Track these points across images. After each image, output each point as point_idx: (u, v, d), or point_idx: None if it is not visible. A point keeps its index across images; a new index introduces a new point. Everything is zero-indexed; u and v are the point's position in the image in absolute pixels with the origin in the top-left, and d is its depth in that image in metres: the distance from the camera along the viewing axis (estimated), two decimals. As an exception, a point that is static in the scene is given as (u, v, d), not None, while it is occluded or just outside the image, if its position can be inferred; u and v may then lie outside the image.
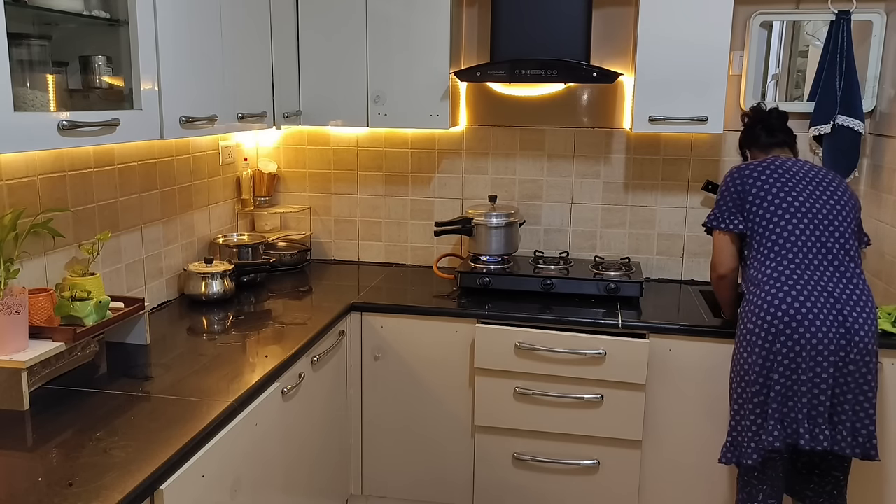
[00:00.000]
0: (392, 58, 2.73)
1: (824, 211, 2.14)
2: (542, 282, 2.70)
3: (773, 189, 2.18)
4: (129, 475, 1.37)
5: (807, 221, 2.13)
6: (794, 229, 2.13)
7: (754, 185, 2.20)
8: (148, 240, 2.44)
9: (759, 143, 2.40)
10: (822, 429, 2.05)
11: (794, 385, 2.05)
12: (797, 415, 2.06)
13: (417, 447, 2.67)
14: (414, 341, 2.59)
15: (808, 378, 2.04)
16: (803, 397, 2.05)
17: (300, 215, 3.23)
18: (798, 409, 2.05)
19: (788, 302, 2.05)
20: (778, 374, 2.06)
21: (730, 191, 2.24)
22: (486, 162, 3.05)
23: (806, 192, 2.17)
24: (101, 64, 1.82)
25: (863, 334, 2.04)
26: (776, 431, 2.07)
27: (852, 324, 2.04)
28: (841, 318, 2.04)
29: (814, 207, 2.14)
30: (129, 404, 1.70)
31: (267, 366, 1.96)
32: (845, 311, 2.05)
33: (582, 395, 2.45)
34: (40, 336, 1.76)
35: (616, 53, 2.87)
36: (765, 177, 2.21)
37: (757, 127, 2.41)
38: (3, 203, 1.83)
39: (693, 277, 2.98)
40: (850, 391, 2.06)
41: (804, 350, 2.03)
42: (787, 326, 2.04)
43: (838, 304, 2.05)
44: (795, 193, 2.16)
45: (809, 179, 2.20)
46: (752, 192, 2.20)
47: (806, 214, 2.13)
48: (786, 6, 2.72)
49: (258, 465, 1.82)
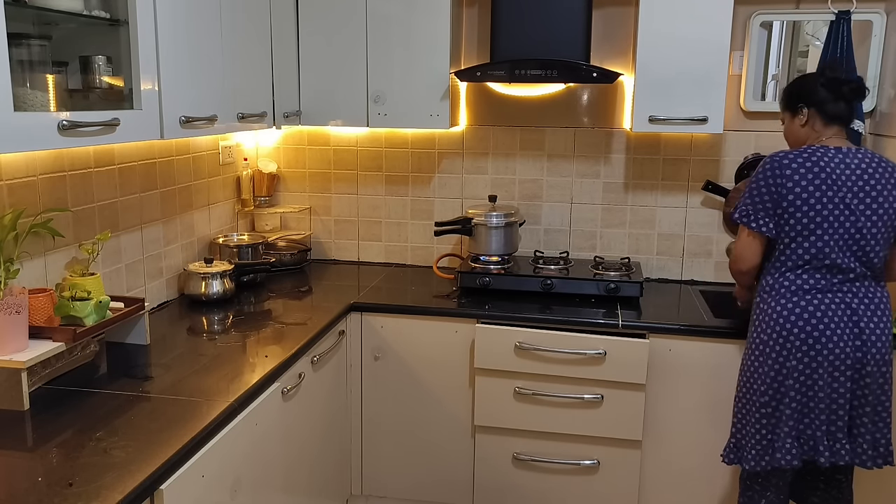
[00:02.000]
0: (392, 58, 2.73)
1: (858, 224, 1.99)
2: (542, 282, 2.70)
3: (812, 197, 1.99)
4: (129, 475, 1.37)
5: (837, 238, 1.99)
6: (823, 246, 2.00)
7: (794, 188, 1.99)
8: (148, 240, 2.43)
9: (824, 112, 2.09)
10: (842, 444, 2.02)
11: (810, 402, 2.02)
12: (815, 431, 2.02)
13: (417, 447, 2.67)
14: (414, 341, 2.59)
15: (826, 394, 2.01)
16: (821, 414, 2.02)
17: (300, 215, 3.23)
18: (816, 426, 2.02)
19: (805, 318, 2.01)
20: (794, 390, 2.02)
21: (768, 185, 2.03)
22: (486, 162, 3.05)
23: (846, 200, 1.99)
24: (101, 64, 1.82)
25: (879, 346, 2.01)
26: (794, 449, 2.04)
27: (869, 335, 2.00)
28: (857, 331, 2.00)
29: (847, 221, 1.99)
30: (129, 404, 1.70)
31: (267, 366, 1.96)
32: (861, 324, 2.01)
33: (582, 395, 2.45)
34: (40, 336, 1.76)
35: (616, 53, 2.87)
36: (808, 178, 1.99)
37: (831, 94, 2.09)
38: (3, 203, 1.83)
39: (693, 277, 2.97)
40: (868, 403, 2.03)
41: (821, 367, 2.00)
42: (803, 343, 2.00)
43: (854, 317, 2.01)
44: (834, 204, 1.98)
45: (853, 183, 1.99)
46: (790, 196, 2.00)
47: (837, 230, 1.99)
48: (786, 6, 2.72)
49: (258, 465, 1.82)
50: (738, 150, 2.84)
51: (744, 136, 2.84)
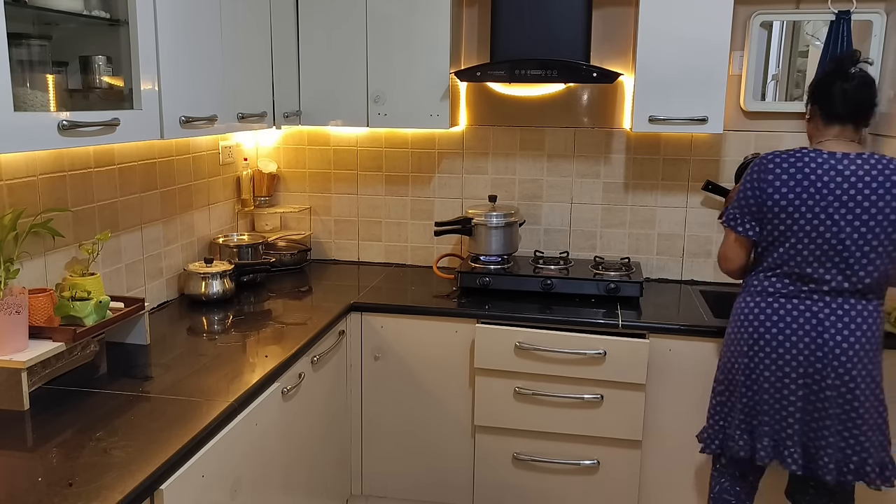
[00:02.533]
0: (392, 58, 2.73)
1: (841, 236, 1.90)
2: (542, 282, 2.70)
3: (791, 204, 1.93)
4: (129, 475, 1.37)
5: (813, 248, 1.94)
6: (795, 255, 1.96)
7: (774, 194, 1.96)
8: (148, 240, 2.43)
9: (825, 112, 2.02)
10: (790, 451, 2.01)
11: (756, 406, 2.05)
12: (762, 433, 2.04)
13: (417, 447, 2.67)
14: (414, 341, 2.59)
15: (772, 397, 2.02)
16: (765, 416, 2.04)
17: (300, 215, 3.23)
18: (762, 428, 2.04)
19: (761, 319, 2.01)
20: (745, 386, 2.06)
21: (753, 189, 2.00)
22: (486, 162, 3.05)
23: (828, 210, 1.90)
24: (101, 64, 1.82)
25: (844, 360, 1.94)
26: (741, 441, 2.08)
27: (833, 348, 1.94)
28: (820, 342, 1.95)
29: (829, 232, 1.91)
30: (129, 404, 1.70)
31: (267, 366, 1.96)
32: (826, 335, 1.94)
33: (582, 395, 2.45)
34: (40, 336, 1.76)
35: (616, 53, 2.87)
36: (789, 185, 1.94)
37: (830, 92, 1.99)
38: (3, 203, 1.83)
39: (693, 277, 2.97)
40: (830, 417, 1.97)
41: (767, 369, 2.01)
42: (755, 343, 2.02)
43: (820, 327, 1.95)
44: (814, 213, 1.92)
45: (843, 192, 1.89)
46: (770, 201, 1.97)
47: (815, 240, 1.93)
48: (786, 6, 2.72)
49: (258, 465, 1.82)
50: (738, 150, 2.84)
51: (744, 136, 2.84)
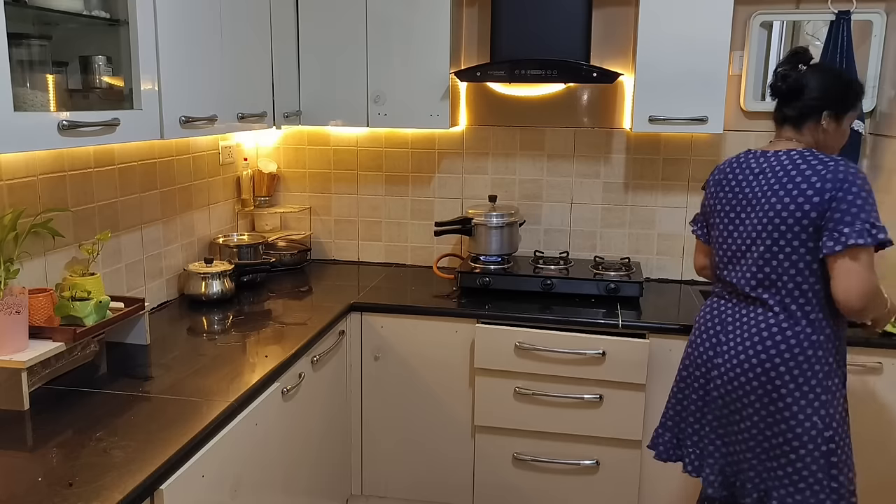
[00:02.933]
0: (392, 58, 2.73)
1: (739, 241, 1.86)
2: (542, 282, 2.70)
3: (713, 207, 1.96)
4: (129, 475, 1.37)
5: (721, 253, 1.93)
6: (717, 260, 1.96)
7: (709, 196, 2.00)
8: (148, 240, 2.43)
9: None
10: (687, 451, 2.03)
11: (680, 409, 2.06)
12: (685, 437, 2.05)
13: (417, 447, 2.67)
14: (414, 341, 2.59)
15: (678, 399, 2.05)
16: (683, 422, 2.05)
17: (300, 215, 3.23)
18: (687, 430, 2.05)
19: (696, 320, 2.03)
20: (677, 387, 2.08)
21: (706, 191, 2.04)
22: (486, 162, 3.05)
23: (730, 214, 1.89)
24: (101, 64, 1.82)
25: (726, 369, 1.84)
26: (661, 439, 2.09)
27: (721, 355, 1.87)
28: (718, 350, 1.89)
29: (731, 237, 1.89)
30: (129, 404, 1.70)
31: (267, 366, 1.96)
32: (722, 339, 1.87)
33: (582, 395, 2.45)
34: (40, 336, 1.76)
35: (616, 53, 2.87)
36: (713, 190, 1.97)
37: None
38: (3, 203, 1.83)
39: (693, 277, 2.97)
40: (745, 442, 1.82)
41: (686, 369, 2.03)
42: (689, 345, 2.04)
43: (722, 334, 1.89)
44: (722, 216, 1.92)
45: (744, 194, 1.85)
46: (706, 203, 2.02)
47: (722, 245, 1.92)
48: (786, 6, 2.72)
49: (258, 465, 1.82)
50: (737, 150, 2.81)
51: (744, 136, 2.84)
